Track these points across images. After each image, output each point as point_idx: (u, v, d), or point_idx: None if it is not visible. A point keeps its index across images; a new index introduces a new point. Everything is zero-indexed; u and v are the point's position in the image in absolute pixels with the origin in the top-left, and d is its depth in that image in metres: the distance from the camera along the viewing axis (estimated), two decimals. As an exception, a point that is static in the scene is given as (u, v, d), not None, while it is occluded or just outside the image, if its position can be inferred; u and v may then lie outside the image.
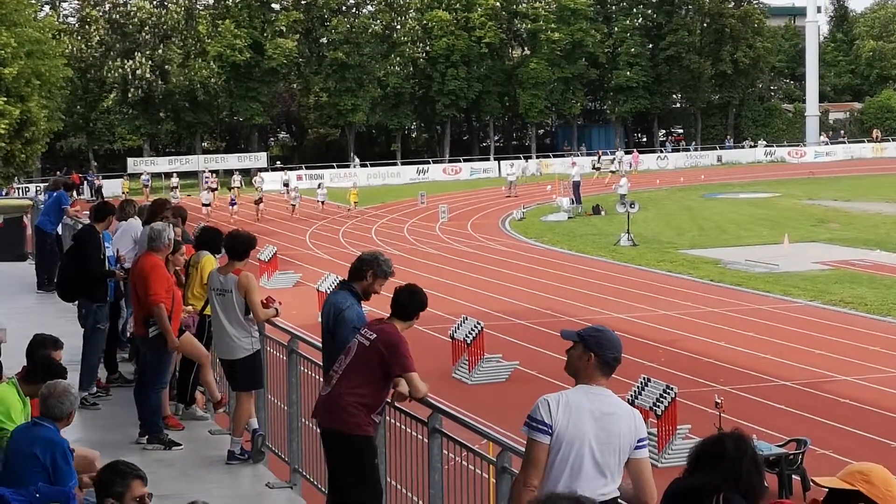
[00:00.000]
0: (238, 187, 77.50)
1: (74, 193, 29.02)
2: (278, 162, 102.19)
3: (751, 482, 6.01)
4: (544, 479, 7.10)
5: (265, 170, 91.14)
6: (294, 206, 68.29)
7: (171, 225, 14.45)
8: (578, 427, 7.07)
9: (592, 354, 7.20)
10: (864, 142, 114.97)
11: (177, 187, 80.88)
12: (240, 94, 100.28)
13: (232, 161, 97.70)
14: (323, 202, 71.09)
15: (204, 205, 67.52)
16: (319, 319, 11.18)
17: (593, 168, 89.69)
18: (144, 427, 13.58)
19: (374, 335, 9.68)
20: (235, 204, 67.45)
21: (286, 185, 60.75)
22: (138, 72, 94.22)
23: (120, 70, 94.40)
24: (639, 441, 7.15)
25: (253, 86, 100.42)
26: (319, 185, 75.90)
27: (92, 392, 15.67)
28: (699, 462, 6.15)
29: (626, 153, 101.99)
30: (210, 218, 60.51)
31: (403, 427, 10.27)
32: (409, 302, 9.85)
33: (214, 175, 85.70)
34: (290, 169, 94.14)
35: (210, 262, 14.30)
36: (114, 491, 7.59)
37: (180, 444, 13.35)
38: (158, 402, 13.64)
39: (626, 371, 25.74)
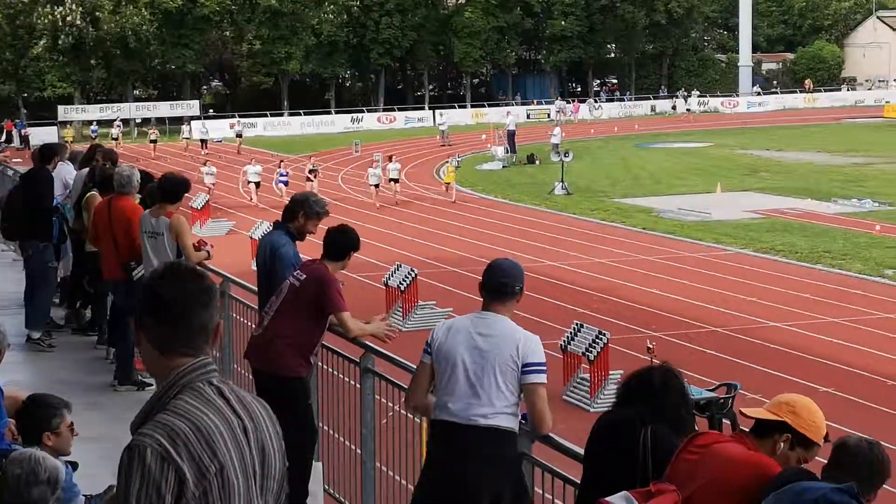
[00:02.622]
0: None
1: (3, 140, 28.75)
2: (211, 110, 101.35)
3: (678, 414, 6.05)
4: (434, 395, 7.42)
5: (198, 118, 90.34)
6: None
7: (133, 167, 14.39)
8: (453, 346, 7.33)
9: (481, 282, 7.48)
10: (796, 92, 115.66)
11: (117, 138, 79.59)
12: (172, 41, 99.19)
13: (164, 109, 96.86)
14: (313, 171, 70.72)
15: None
16: (253, 267, 11.15)
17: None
18: (120, 370, 13.64)
19: (305, 275, 9.65)
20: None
21: (312, 172, 52.90)
22: (69, 18, 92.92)
23: (49, 16, 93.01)
24: (525, 366, 7.18)
25: (185, 33, 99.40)
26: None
27: (44, 333, 15.62)
28: (628, 395, 6.20)
29: (567, 102, 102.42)
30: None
31: (335, 372, 10.25)
32: (340, 241, 9.82)
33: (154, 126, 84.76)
34: (223, 117, 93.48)
35: (93, 199, 14.46)
36: (50, 423, 7.51)
37: (151, 384, 13.31)
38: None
39: (559, 317, 26.03)
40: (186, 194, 13.37)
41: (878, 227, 40.77)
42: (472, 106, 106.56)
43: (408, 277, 28.05)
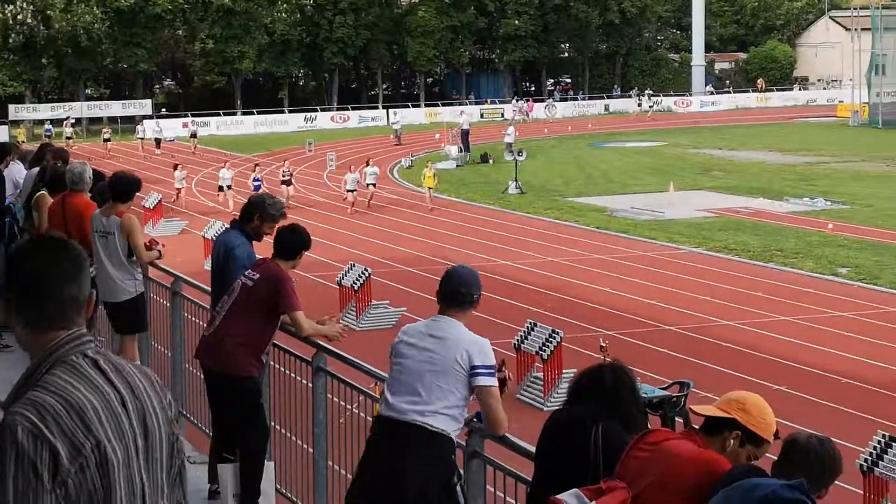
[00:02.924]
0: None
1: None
2: (163, 109, 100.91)
3: (630, 412, 6.06)
4: None
5: (150, 117, 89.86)
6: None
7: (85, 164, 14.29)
8: (404, 346, 7.43)
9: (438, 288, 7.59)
10: (748, 92, 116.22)
11: (71, 137, 78.88)
12: (124, 40, 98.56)
13: (116, 108, 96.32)
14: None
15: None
16: (206, 266, 11.09)
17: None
18: None
19: (258, 274, 9.61)
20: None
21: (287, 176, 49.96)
22: (19, 16, 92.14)
23: (0, 15, 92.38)
24: (472, 368, 7.20)
25: (138, 32, 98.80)
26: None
27: None
28: (579, 393, 6.20)
29: (524, 101, 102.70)
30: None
31: (287, 371, 10.21)
32: (291, 240, 9.79)
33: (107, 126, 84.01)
34: (175, 116, 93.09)
35: (43, 198, 14.37)
36: None
37: None
38: None
39: (513, 316, 26.04)
40: (138, 193, 13.28)
41: (831, 225, 41.04)
42: (426, 105, 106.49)
43: (361, 277, 28.01)
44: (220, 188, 48.48)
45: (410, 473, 7.12)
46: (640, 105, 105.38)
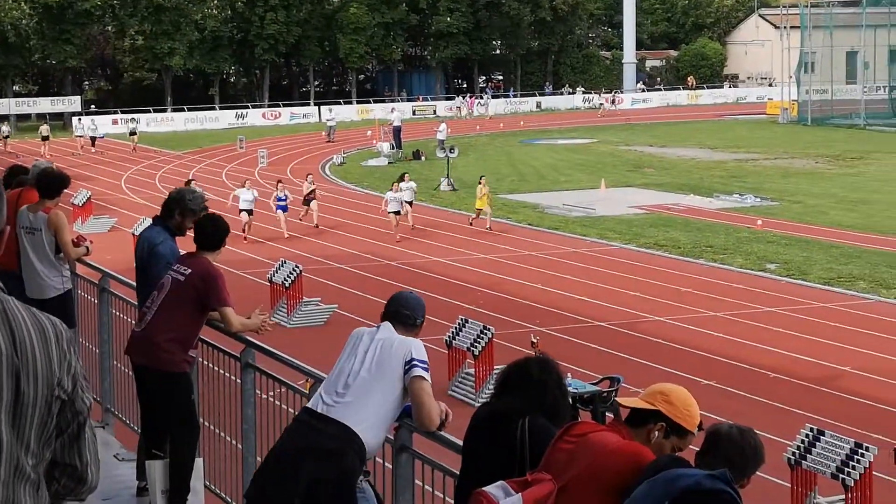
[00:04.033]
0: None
1: None
2: (93, 106, 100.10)
3: (556, 405, 6.08)
4: None
5: (79, 114, 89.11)
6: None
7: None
8: (346, 345, 7.50)
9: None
10: (679, 89, 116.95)
11: (8, 135, 77.74)
12: (53, 36, 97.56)
13: (45, 105, 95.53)
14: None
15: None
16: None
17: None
18: None
19: (189, 269, 9.54)
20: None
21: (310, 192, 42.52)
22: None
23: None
24: (406, 363, 7.23)
25: (66, 28, 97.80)
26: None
27: None
28: (506, 386, 6.22)
29: (467, 98, 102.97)
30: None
31: (214, 367, 10.16)
32: (214, 232, 9.75)
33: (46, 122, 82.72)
34: (105, 113, 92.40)
35: None
36: None
37: None
38: None
39: (444, 313, 26.07)
40: (66, 190, 13.16)
41: (760, 221, 41.38)
42: (358, 102, 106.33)
43: (292, 274, 27.92)
44: (242, 212, 39.05)
45: (308, 466, 7.11)
46: (593, 103, 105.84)
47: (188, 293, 9.48)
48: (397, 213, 39.51)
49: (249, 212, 39.27)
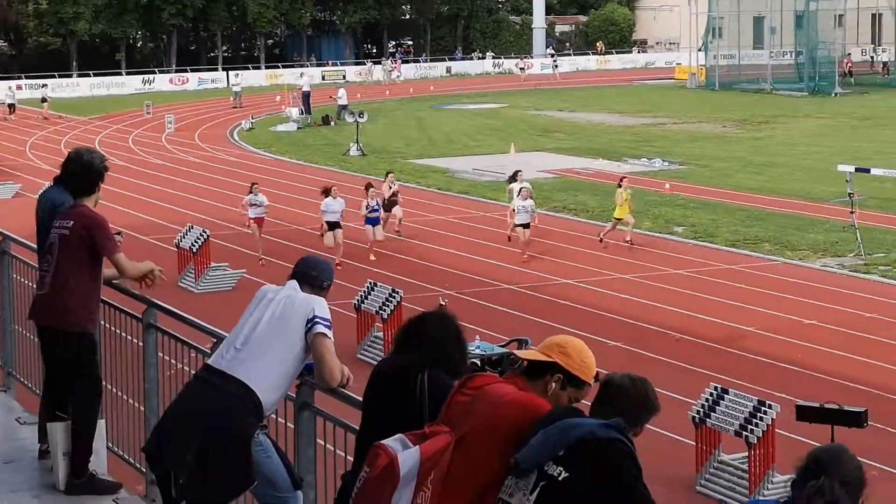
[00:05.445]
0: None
1: None
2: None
3: (454, 359, 6.10)
4: None
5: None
6: None
7: None
8: (251, 303, 7.53)
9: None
10: (588, 54, 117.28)
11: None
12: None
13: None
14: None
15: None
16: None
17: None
18: None
19: (71, 221, 9.33)
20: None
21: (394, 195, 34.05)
22: None
23: None
24: (308, 321, 7.26)
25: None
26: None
27: None
28: (405, 341, 6.23)
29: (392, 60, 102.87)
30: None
31: (116, 329, 10.05)
32: (81, 171, 9.53)
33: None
34: (9, 78, 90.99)
35: None
36: None
37: None
38: None
39: (353, 277, 26.03)
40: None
41: (668, 185, 41.71)
42: (267, 67, 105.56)
43: (200, 239, 27.75)
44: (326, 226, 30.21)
45: (203, 421, 7.13)
46: (503, 68, 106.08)
47: (77, 246, 9.23)
48: (526, 226, 30.91)
49: (336, 225, 29.84)
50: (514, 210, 31.30)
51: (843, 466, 4.55)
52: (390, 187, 33.41)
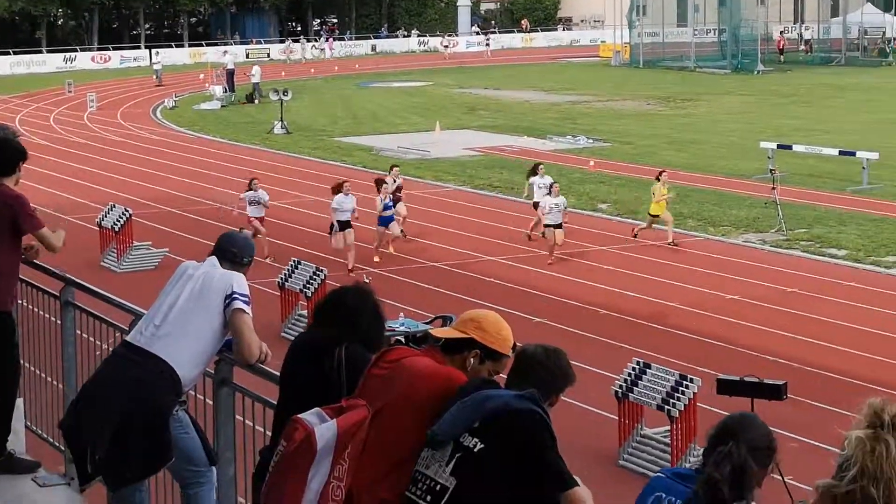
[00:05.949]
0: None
1: None
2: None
3: (371, 332, 6.13)
4: None
5: None
6: None
7: None
8: (171, 276, 7.62)
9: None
10: (513, 32, 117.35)
11: None
12: None
13: None
14: None
15: None
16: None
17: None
18: None
19: None
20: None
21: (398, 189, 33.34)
22: None
23: None
24: (226, 297, 7.29)
25: None
26: None
27: None
28: (322, 315, 6.24)
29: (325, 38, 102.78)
30: None
31: (33, 307, 9.95)
32: (6, 152, 9.47)
33: None
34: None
35: None
36: None
37: None
38: None
39: (276, 254, 25.94)
40: None
41: (592, 162, 41.87)
42: (190, 45, 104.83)
43: (122, 218, 27.55)
44: (333, 227, 27.51)
45: (121, 398, 7.14)
46: (428, 46, 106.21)
47: None
48: (559, 226, 27.92)
49: (347, 224, 27.23)
50: (543, 209, 28.14)
51: (752, 432, 4.61)
52: (395, 181, 30.76)
